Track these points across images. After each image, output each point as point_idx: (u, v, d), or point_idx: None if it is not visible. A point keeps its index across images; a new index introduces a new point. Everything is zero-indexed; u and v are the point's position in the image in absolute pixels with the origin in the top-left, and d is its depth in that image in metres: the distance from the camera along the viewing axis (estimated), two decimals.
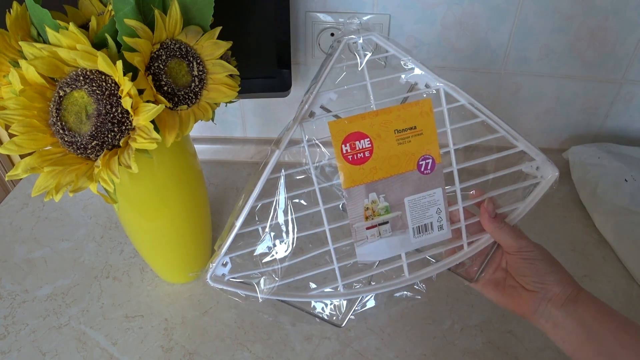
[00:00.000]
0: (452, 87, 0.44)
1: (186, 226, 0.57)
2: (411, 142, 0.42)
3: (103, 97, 0.38)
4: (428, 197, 0.44)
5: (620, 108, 0.78)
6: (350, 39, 0.42)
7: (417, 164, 0.43)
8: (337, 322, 0.46)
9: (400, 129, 0.42)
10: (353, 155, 0.42)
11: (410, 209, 0.44)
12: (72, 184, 0.38)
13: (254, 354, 0.55)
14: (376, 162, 0.42)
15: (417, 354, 0.55)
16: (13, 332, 0.56)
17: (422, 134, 0.43)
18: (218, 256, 0.43)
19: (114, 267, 0.65)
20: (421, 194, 0.44)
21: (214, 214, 0.73)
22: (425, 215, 0.44)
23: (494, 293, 0.47)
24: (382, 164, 0.42)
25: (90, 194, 0.76)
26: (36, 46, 0.37)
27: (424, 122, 0.42)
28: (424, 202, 0.44)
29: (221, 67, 0.45)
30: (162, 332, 0.57)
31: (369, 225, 0.43)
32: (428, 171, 0.43)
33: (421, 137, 0.43)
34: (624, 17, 0.68)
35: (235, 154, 0.85)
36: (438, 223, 0.45)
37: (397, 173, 0.43)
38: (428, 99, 0.43)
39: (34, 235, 0.70)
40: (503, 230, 0.45)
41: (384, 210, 0.43)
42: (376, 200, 0.43)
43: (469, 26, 0.69)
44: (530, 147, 0.46)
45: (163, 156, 0.49)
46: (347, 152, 0.42)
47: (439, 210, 0.45)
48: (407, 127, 0.42)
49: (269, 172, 0.42)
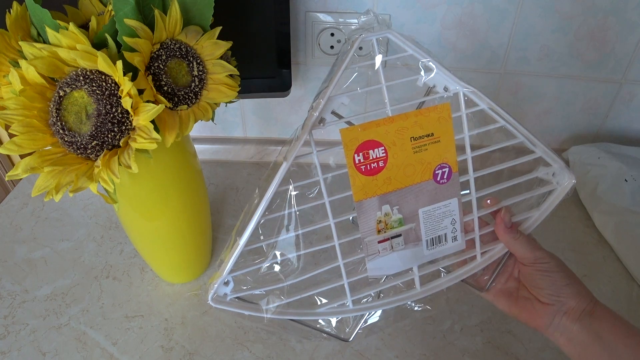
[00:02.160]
0: (472, 91, 0.41)
1: (186, 226, 0.57)
2: (428, 150, 0.40)
3: (103, 97, 0.38)
4: (443, 208, 0.42)
5: (620, 108, 0.78)
6: (365, 36, 0.39)
7: (434, 173, 0.41)
8: (345, 336, 0.45)
9: (416, 136, 0.39)
10: (366, 165, 0.39)
11: (425, 221, 0.42)
12: (72, 184, 0.38)
13: (254, 354, 0.55)
14: (390, 172, 0.39)
15: (417, 354, 0.55)
16: (13, 332, 0.56)
17: (439, 141, 0.40)
18: (220, 276, 0.41)
19: (114, 267, 0.65)
20: (436, 204, 0.42)
21: (214, 214, 0.73)
22: (440, 226, 0.42)
23: (506, 304, 0.45)
24: (397, 174, 0.40)
25: (90, 194, 0.76)
26: (36, 46, 0.37)
27: (441, 128, 0.40)
28: (438, 213, 0.42)
29: (221, 67, 0.45)
30: (162, 332, 0.57)
31: (381, 239, 0.41)
32: (444, 180, 0.41)
33: (438, 145, 0.40)
34: (624, 17, 0.68)
35: (235, 154, 0.85)
36: (452, 234, 0.43)
37: (412, 183, 0.40)
38: (447, 103, 0.40)
39: (34, 235, 0.70)
40: (519, 241, 0.43)
41: (398, 222, 0.41)
42: (389, 212, 0.40)
43: (469, 26, 0.69)
44: (548, 153, 0.44)
45: (163, 156, 0.48)
46: (360, 162, 0.39)
47: (454, 221, 0.43)
48: (424, 134, 0.39)
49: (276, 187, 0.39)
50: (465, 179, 0.43)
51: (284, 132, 0.83)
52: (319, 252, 0.41)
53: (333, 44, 0.71)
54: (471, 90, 0.41)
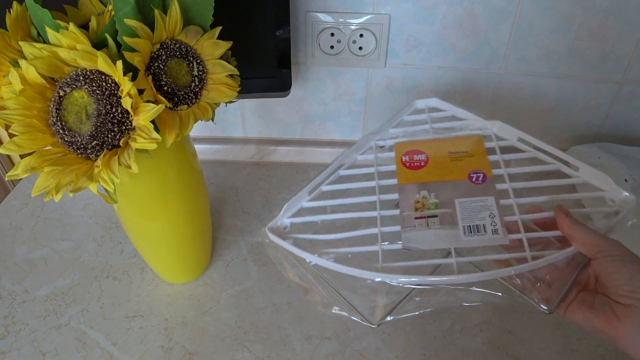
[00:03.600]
0: (501, 126, 0.50)
1: (186, 226, 0.57)
2: (463, 161, 0.47)
3: (103, 97, 0.38)
4: (480, 202, 0.43)
5: (620, 108, 0.78)
6: (416, 103, 0.57)
7: (469, 175, 0.46)
8: (371, 319, 0.43)
9: (453, 151, 0.48)
10: (410, 163, 0.48)
11: (461, 209, 0.43)
12: (72, 184, 0.38)
13: (254, 354, 0.55)
14: (430, 169, 0.47)
15: (417, 354, 0.55)
16: (13, 332, 0.56)
17: (473, 156, 0.47)
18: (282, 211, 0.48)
19: (114, 267, 0.65)
20: (473, 198, 0.44)
21: (214, 214, 0.73)
22: (477, 217, 0.43)
23: (580, 313, 0.38)
24: (435, 171, 0.47)
25: (90, 194, 0.76)
26: (36, 46, 0.37)
27: (475, 149, 0.48)
28: (475, 206, 0.43)
29: (221, 67, 0.45)
30: (162, 332, 0.57)
31: (418, 216, 0.44)
32: (479, 182, 0.45)
33: (472, 159, 0.47)
34: (624, 17, 0.68)
35: (235, 154, 0.85)
36: (492, 227, 0.42)
37: (449, 179, 0.46)
38: (478, 136, 0.50)
39: (34, 235, 0.70)
40: (580, 225, 0.39)
41: (434, 205, 0.44)
42: (427, 196, 0.45)
43: (469, 26, 0.69)
44: (599, 176, 0.44)
45: (163, 156, 0.48)
46: (406, 161, 0.49)
47: (492, 215, 0.42)
48: (459, 151, 0.48)
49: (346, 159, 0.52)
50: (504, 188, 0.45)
51: (284, 132, 0.83)
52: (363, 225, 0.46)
53: (333, 44, 0.71)
54: (500, 125, 0.50)
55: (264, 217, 0.73)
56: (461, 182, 0.45)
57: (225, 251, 0.67)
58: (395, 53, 0.73)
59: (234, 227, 0.72)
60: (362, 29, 0.70)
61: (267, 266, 0.65)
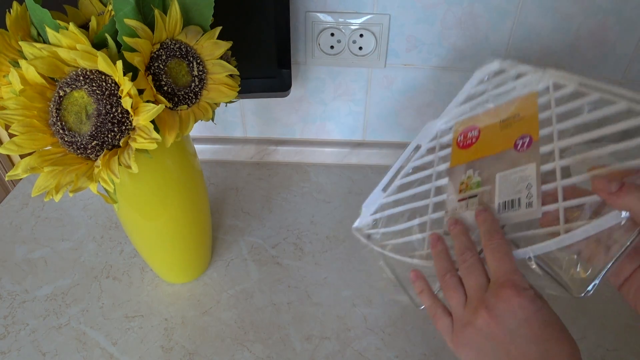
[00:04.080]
0: (561, 75, 0.45)
1: (186, 226, 0.57)
2: (512, 127, 0.46)
3: (103, 97, 0.38)
4: (520, 172, 0.42)
5: None
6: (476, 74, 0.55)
7: (514, 143, 0.44)
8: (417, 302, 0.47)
9: (504, 117, 0.47)
10: (464, 142, 0.50)
11: (500, 184, 0.43)
12: (72, 184, 0.38)
13: (254, 354, 0.55)
14: (479, 145, 0.48)
15: (417, 354, 0.55)
16: (13, 332, 0.56)
17: (523, 119, 0.45)
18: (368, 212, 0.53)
19: (114, 267, 0.65)
20: (513, 169, 0.42)
21: (214, 214, 0.73)
22: (514, 190, 0.41)
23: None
24: (484, 146, 0.47)
25: (90, 194, 0.76)
26: (36, 46, 0.37)
27: (527, 110, 0.46)
28: (514, 178, 0.42)
29: (221, 67, 0.45)
30: (162, 332, 0.57)
31: (460, 198, 0.46)
32: (523, 149, 0.43)
33: (522, 122, 0.45)
34: (624, 17, 0.68)
35: (235, 154, 0.85)
36: (527, 200, 0.39)
37: (495, 152, 0.46)
38: (533, 93, 0.46)
39: (34, 235, 0.70)
40: (628, 188, 0.32)
41: (476, 185, 0.45)
42: (471, 176, 0.46)
43: (469, 26, 0.69)
44: None
45: (163, 156, 0.49)
46: (460, 140, 0.50)
47: (529, 186, 0.40)
48: (511, 116, 0.47)
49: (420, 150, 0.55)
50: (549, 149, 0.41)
51: (284, 132, 0.83)
52: None
53: (333, 44, 0.71)
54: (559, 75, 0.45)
55: (264, 217, 0.73)
56: (506, 153, 0.44)
57: (225, 251, 0.67)
58: (395, 53, 0.73)
59: (234, 227, 0.72)
60: (362, 29, 0.70)
61: (267, 266, 0.65)
